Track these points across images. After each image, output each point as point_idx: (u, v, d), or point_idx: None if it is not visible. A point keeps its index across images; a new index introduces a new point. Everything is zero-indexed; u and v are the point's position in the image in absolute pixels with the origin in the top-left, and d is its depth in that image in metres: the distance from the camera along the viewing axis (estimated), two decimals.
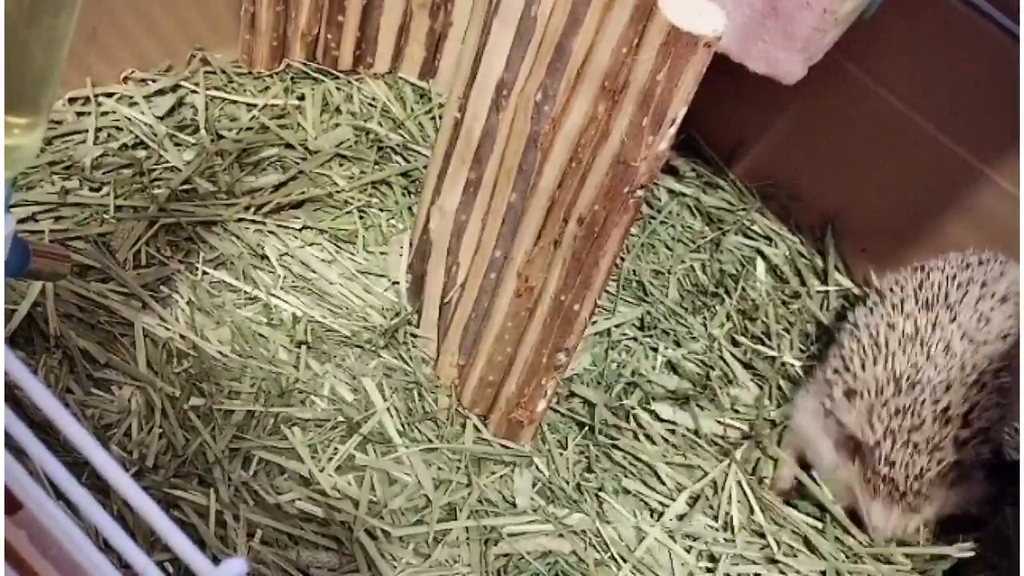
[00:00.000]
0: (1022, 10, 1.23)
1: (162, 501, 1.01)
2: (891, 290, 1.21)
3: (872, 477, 1.13)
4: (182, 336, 1.12)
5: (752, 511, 1.17)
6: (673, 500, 1.15)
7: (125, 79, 1.30)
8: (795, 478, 1.21)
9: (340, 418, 1.10)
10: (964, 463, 1.13)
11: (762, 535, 1.16)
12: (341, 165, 1.31)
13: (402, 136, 1.35)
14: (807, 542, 1.17)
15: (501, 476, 1.12)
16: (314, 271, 1.21)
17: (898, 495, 1.13)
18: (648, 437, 1.19)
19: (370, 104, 1.38)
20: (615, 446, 1.17)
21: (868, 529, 1.17)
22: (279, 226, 1.23)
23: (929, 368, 1.13)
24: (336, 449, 1.09)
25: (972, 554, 1.17)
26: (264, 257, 1.21)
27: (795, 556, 1.15)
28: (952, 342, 1.14)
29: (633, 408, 1.20)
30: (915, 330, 1.15)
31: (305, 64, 1.37)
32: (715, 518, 1.16)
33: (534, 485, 1.13)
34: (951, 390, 1.11)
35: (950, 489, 1.14)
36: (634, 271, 1.33)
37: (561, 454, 1.15)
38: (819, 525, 1.19)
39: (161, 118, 1.28)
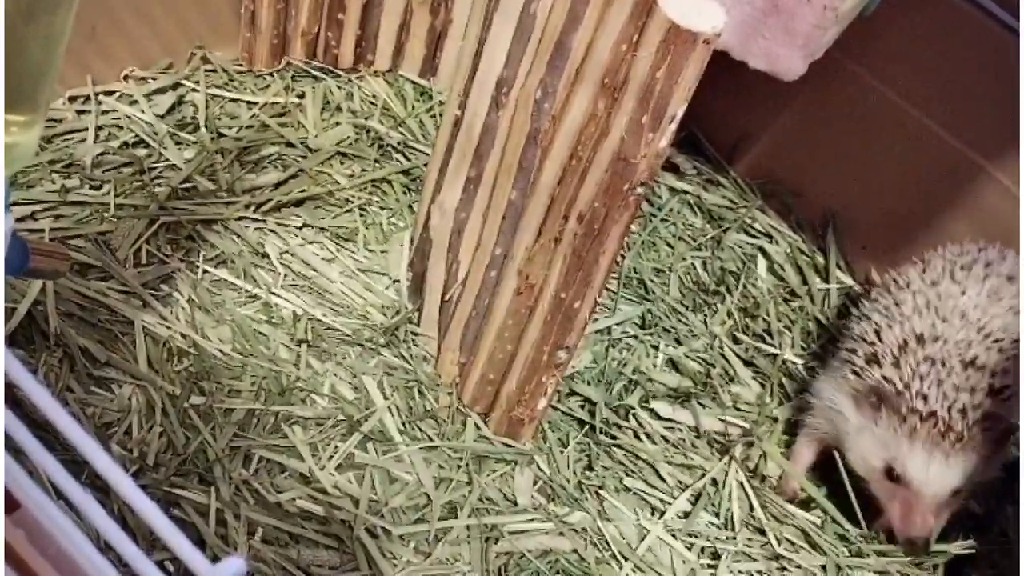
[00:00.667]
0: (1022, 6, 1.22)
1: (162, 500, 1.01)
2: (894, 280, 1.21)
3: (909, 416, 1.08)
4: (182, 334, 1.12)
5: (752, 508, 1.17)
6: (674, 498, 1.15)
7: (125, 77, 1.30)
8: (800, 487, 1.20)
9: (341, 416, 1.10)
10: (1001, 417, 1.10)
11: (763, 532, 1.16)
12: (342, 163, 1.31)
13: (402, 134, 1.35)
14: (808, 538, 1.17)
15: (502, 474, 1.12)
16: (315, 269, 1.21)
17: (943, 429, 1.07)
18: (648, 436, 1.19)
19: (370, 102, 1.38)
20: (616, 444, 1.17)
21: (909, 488, 1.09)
22: (279, 224, 1.23)
23: (947, 328, 1.11)
24: (337, 447, 1.09)
25: (972, 551, 1.17)
26: (264, 255, 1.21)
27: (796, 552, 1.15)
28: (967, 310, 1.12)
29: (632, 407, 1.20)
30: (926, 301, 1.14)
31: (305, 62, 1.37)
32: (717, 515, 1.16)
33: (535, 483, 1.12)
34: (973, 345, 1.10)
35: (992, 444, 1.10)
36: (635, 269, 1.33)
37: (562, 452, 1.15)
38: (819, 521, 1.19)
39: (161, 116, 1.28)
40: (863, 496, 1.17)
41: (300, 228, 1.24)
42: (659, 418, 1.21)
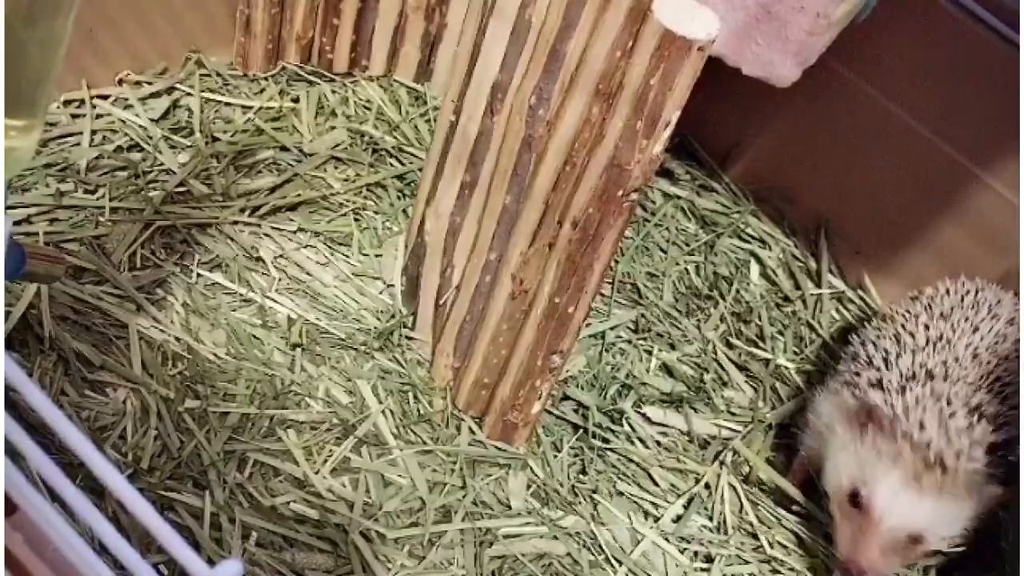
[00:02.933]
0: (1022, 14, 1.23)
1: (157, 503, 1.00)
2: (896, 312, 1.19)
3: (900, 440, 1.01)
4: (177, 338, 1.12)
5: (743, 510, 1.17)
6: (667, 502, 1.16)
7: (120, 81, 1.30)
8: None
9: (335, 420, 1.11)
10: (990, 472, 1.04)
11: (755, 535, 1.16)
12: (336, 167, 1.31)
13: (397, 139, 1.35)
14: (799, 540, 1.17)
15: (496, 478, 1.12)
16: (309, 273, 1.21)
17: (931, 460, 1.00)
18: (642, 440, 1.20)
19: (365, 106, 1.38)
20: (610, 448, 1.18)
21: (868, 516, 1.02)
22: (274, 228, 1.24)
23: (958, 368, 1.08)
24: (331, 451, 1.09)
25: (963, 549, 1.17)
26: (259, 259, 1.21)
27: (789, 554, 1.16)
28: (979, 349, 1.10)
29: (625, 412, 1.20)
30: (939, 335, 1.11)
31: (300, 66, 1.38)
32: (710, 518, 1.16)
33: (529, 487, 1.13)
34: (980, 391, 1.06)
35: (973, 498, 1.04)
36: (628, 273, 1.33)
37: (556, 456, 1.15)
38: (809, 524, 1.19)
39: (156, 120, 1.28)
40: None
41: (295, 232, 1.24)
42: (652, 422, 1.22)
